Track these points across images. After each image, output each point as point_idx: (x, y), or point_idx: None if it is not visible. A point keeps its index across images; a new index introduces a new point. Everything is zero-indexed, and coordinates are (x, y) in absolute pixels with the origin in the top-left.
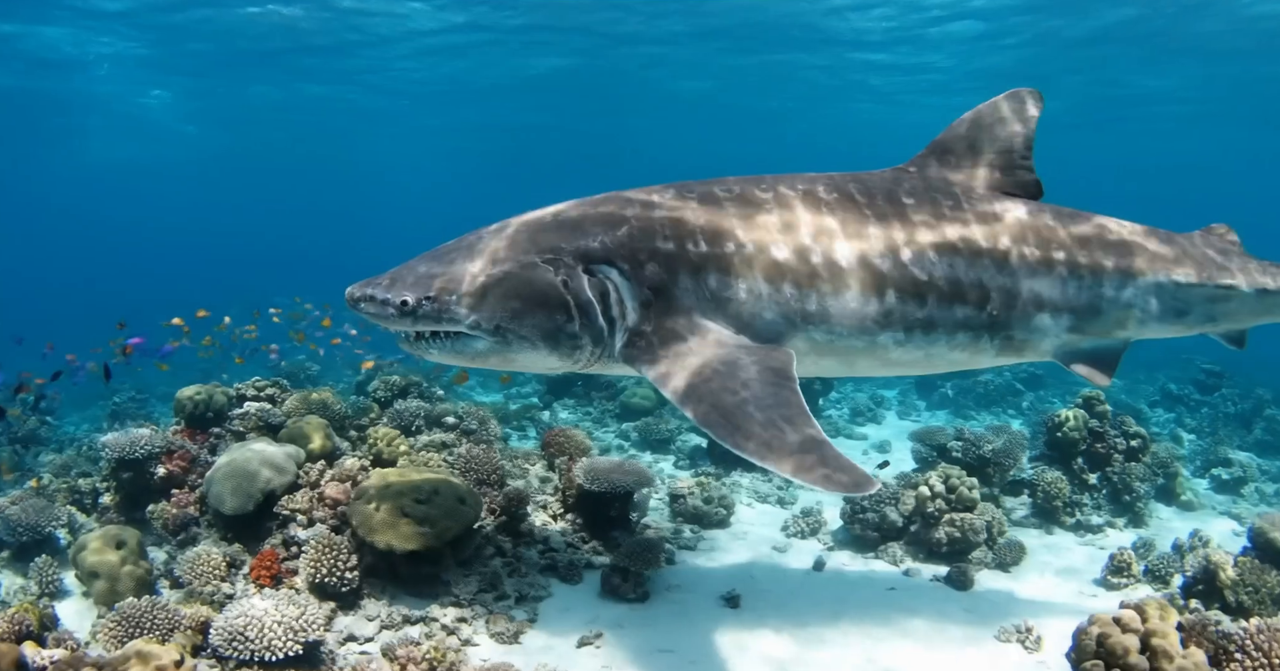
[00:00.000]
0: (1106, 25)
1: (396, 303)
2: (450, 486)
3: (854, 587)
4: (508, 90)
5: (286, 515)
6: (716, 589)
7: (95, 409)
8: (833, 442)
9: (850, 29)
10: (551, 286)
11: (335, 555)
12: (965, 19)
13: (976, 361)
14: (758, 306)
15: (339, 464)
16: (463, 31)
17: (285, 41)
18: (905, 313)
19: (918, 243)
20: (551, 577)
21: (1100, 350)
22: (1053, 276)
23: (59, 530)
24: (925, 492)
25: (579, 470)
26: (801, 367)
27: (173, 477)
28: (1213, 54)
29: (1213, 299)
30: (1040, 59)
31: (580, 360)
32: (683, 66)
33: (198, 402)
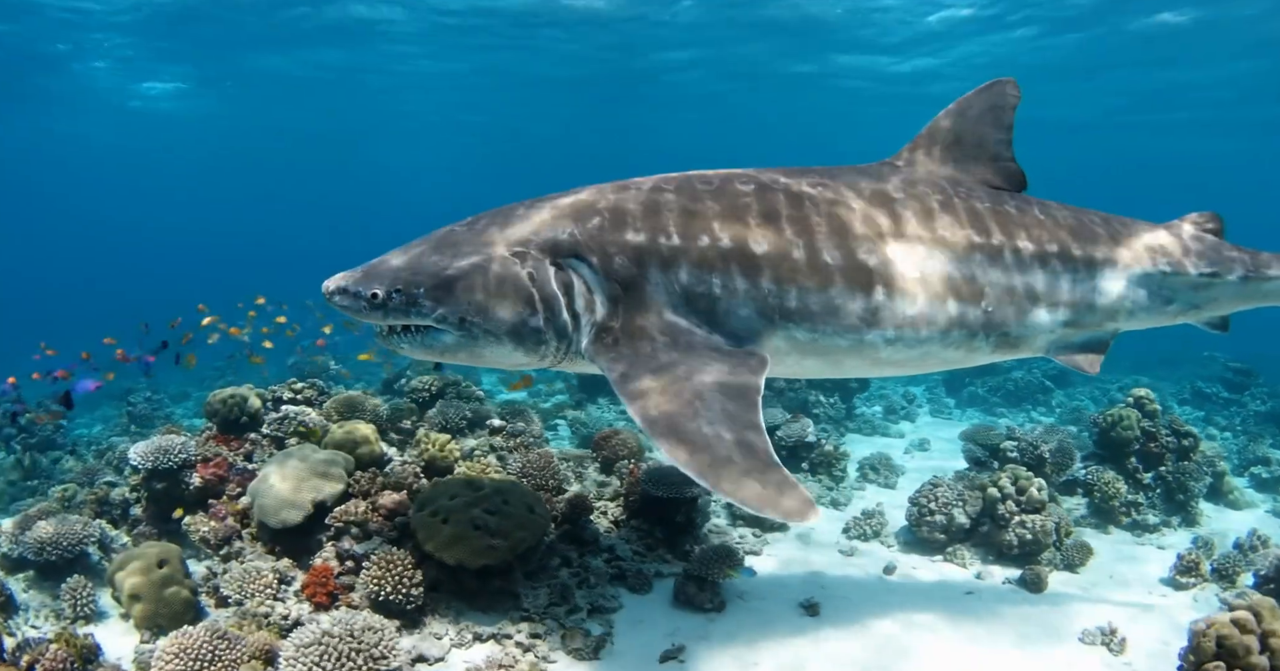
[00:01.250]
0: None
1: (367, 295)
2: (520, 495)
3: (930, 592)
4: (515, 87)
5: (340, 527)
6: (791, 596)
7: (105, 409)
8: (873, 440)
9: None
10: (517, 279)
11: (400, 570)
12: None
13: (971, 359)
14: (732, 302)
15: (390, 470)
16: (467, 30)
17: (290, 30)
18: (895, 310)
19: (905, 236)
20: (620, 587)
21: (1091, 342)
22: (1048, 270)
23: (90, 546)
24: (995, 494)
25: (644, 474)
26: (783, 368)
27: (209, 487)
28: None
29: (1197, 287)
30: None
31: (546, 356)
32: (696, 64)
33: (231, 406)
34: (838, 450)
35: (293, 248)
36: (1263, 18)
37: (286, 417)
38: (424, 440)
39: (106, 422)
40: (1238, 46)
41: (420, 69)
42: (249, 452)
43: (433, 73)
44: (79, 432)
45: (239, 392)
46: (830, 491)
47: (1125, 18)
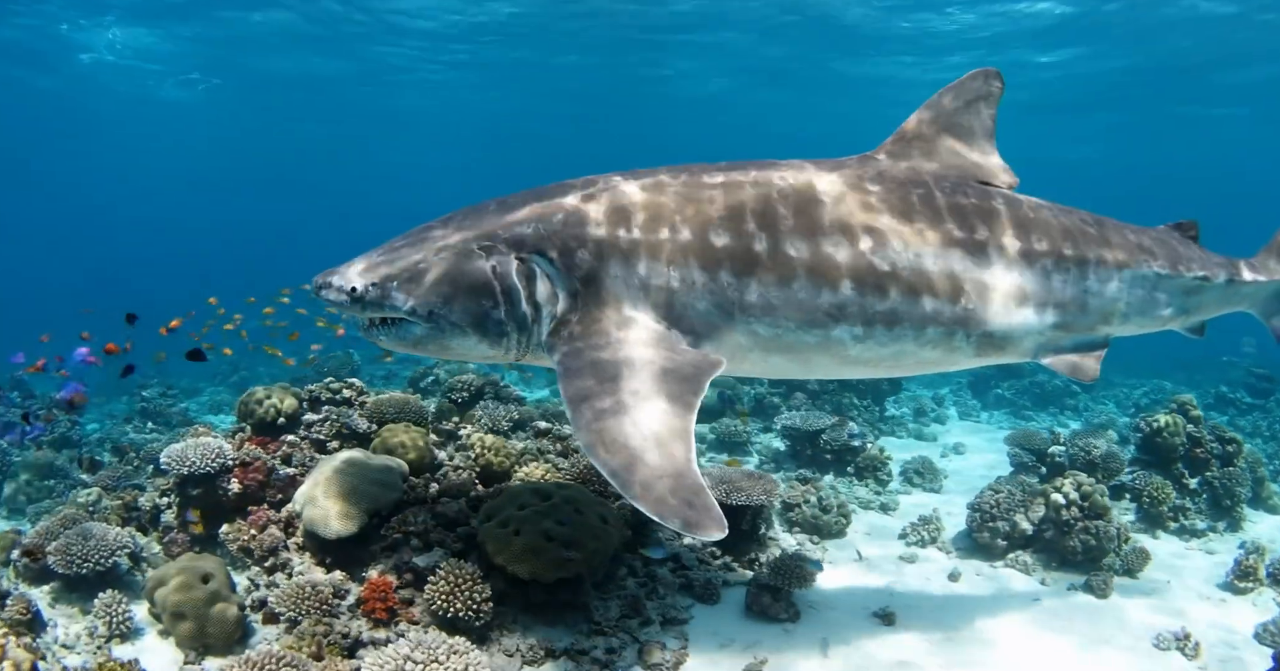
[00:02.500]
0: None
1: (347, 289)
2: (591, 503)
3: (998, 599)
4: (525, 86)
5: (398, 538)
6: (862, 604)
7: (116, 405)
8: (906, 443)
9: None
10: (481, 272)
11: (470, 585)
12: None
13: (952, 361)
14: (690, 296)
15: (444, 476)
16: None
17: (303, 29)
18: (864, 305)
19: (879, 230)
20: (687, 597)
21: (1083, 347)
22: (1035, 269)
23: (122, 557)
24: (1059, 500)
25: (709, 481)
26: (747, 365)
27: (248, 493)
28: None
29: (1189, 290)
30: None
31: (510, 349)
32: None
33: (268, 407)
34: (882, 454)
35: (304, 242)
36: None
37: (328, 419)
38: (479, 444)
39: (117, 418)
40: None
41: (430, 66)
42: (287, 456)
43: (442, 69)
44: (90, 428)
45: (275, 392)
46: (878, 496)
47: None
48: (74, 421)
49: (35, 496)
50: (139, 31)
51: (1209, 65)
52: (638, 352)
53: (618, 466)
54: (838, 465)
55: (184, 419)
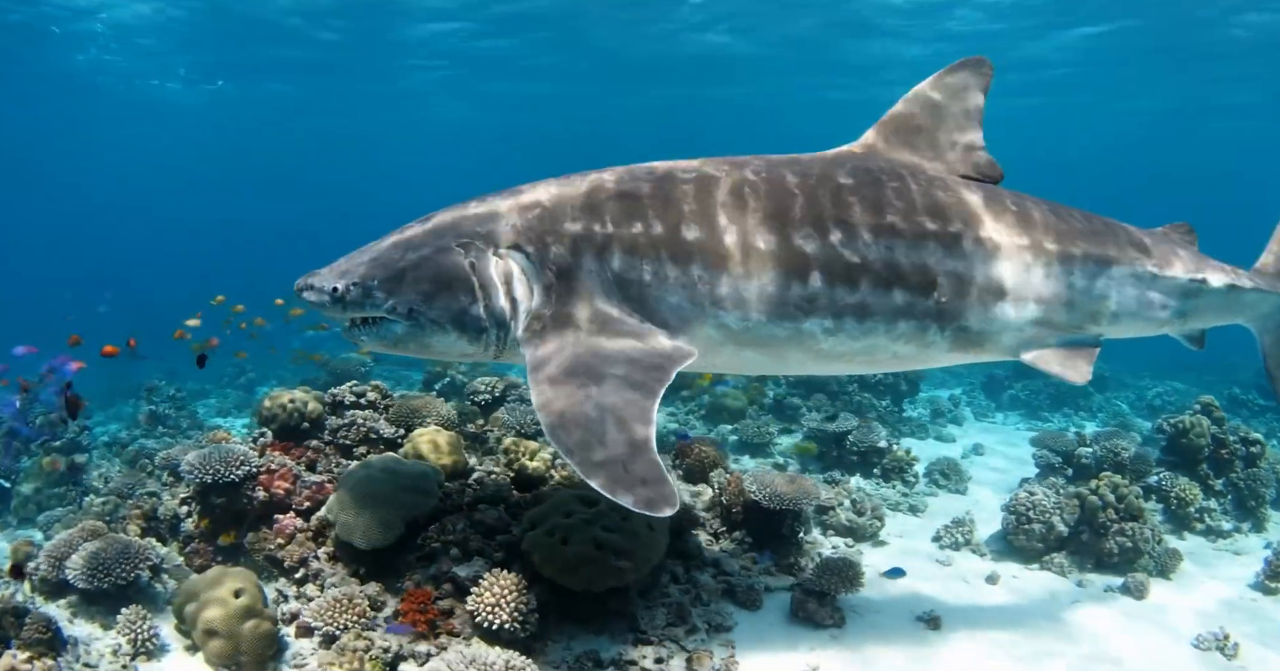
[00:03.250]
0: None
1: (328, 289)
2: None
3: (1038, 602)
4: (529, 86)
5: (437, 547)
6: (905, 608)
7: (121, 406)
8: (926, 444)
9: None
10: (459, 269)
11: (516, 595)
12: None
13: (928, 356)
14: (662, 289)
15: (479, 481)
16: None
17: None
18: (834, 297)
19: (850, 223)
20: (730, 603)
21: (1071, 347)
22: (1014, 262)
23: (144, 570)
24: (1096, 502)
25: (751, 485)
26: (721, 360)
27: (274, 501)
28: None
29: (1187, 293)
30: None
31: (490, 345)
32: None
33: (291, 411)
34: (909, 455)
35: (305, 241)
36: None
37: (354, 424)
38: (513, 448)
39: (123, 420)
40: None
41: (433, 64)
42: (311, 461)
43: (445, 69)
44: (97, 431)
45: (299, 396)
46: (906, 498)
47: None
48: (84, 426)
49: (46, 504)
50: (135, 30)
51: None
52: (607, 342)
53: (574, 444)
54: (865, 466)
55: (194, 422)
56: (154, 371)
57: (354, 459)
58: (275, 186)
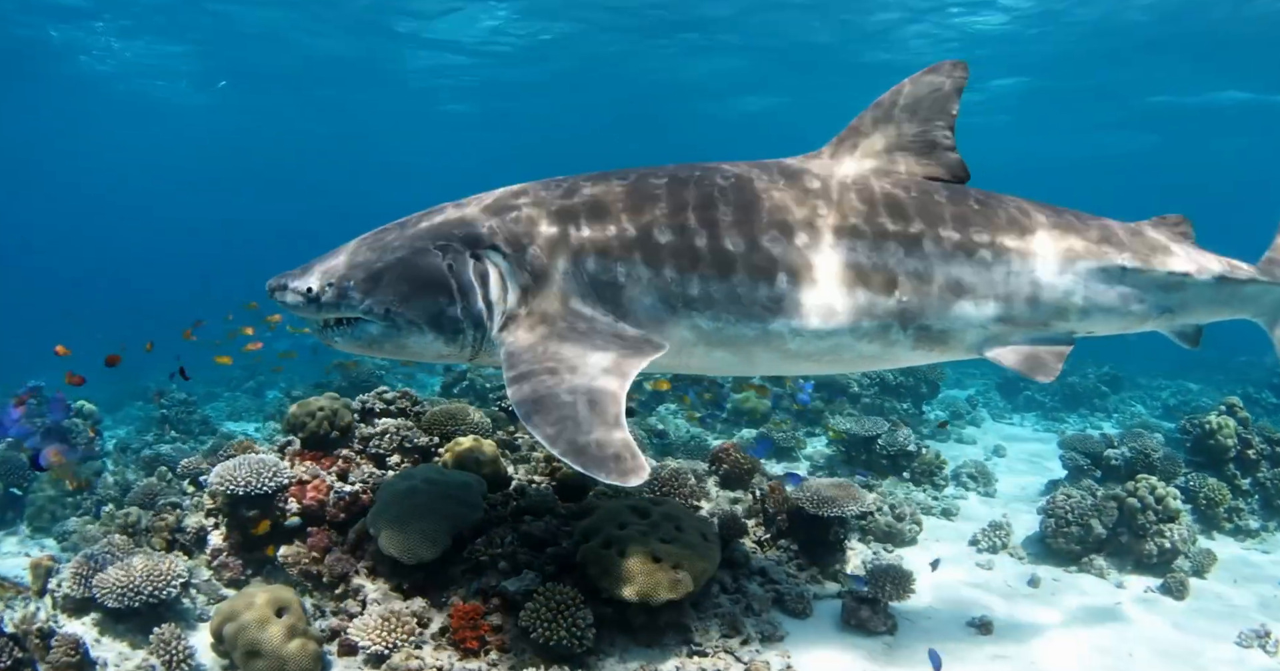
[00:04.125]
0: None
1: (303, 290)
2: (690, 520)
3: (1083, 604)
4: (534, 86)
5: (484, 560)
6: (955, 614)
7: (129, 409)
8: (948, 447)
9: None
10: (437, 270)
11: (572, 609)
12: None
13: (893, 355)
14: (635, 290)
15: (520, 491)
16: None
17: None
18: (798, 299)
19: (814, 227)
20: (779, 612)
21: (1039, 344)
22: (974, 261)
23: (177, 587)
24: (1135, 504)
25: (799, 492)
26: (694, 360)
27: (308, 513)
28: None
29: (1168, 287)
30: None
31: (466, 346)
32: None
33: (321, 420)
34: (939, 458)
35: (306, 242)
36: None
37: (386, 432)
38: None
39: (132, 423)
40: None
41: (437, 65)
42: (343, 471)
43: (451, 69)
44: (105, 435)
45: (328, 404)
46: (937, 501)
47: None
48: (97, 431)
49: (61, 514)
50: (136, 32)
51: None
52: (582, 337)
53: (549, 427)
54: (895, 470)
55: (207, 427)
56: (161, 374)
57: (387, 469)
58: (276, 186)
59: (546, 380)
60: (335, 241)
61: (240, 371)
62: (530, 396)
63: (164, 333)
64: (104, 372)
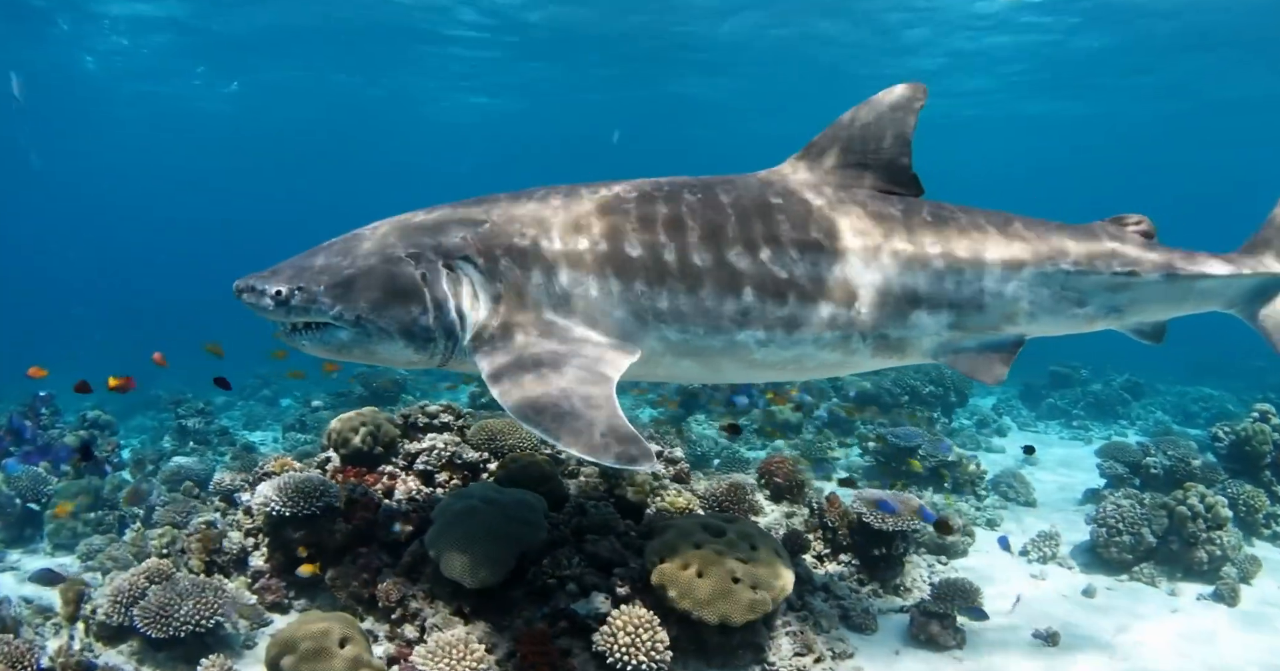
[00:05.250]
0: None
1: (271, 293)
2: (765, 538)
3: (1140, 613)
4: (542, 88)
5: (552, 582)
6: (1018, 626)
7: (140, 418)
8: (978, 456)
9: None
10: (410, 279)
11: (650, 632)
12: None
13: (853, 363)
14: (607, 303)
15: (580, 509)
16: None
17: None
18: (765, 311)
19: (779, 240)
20: (845, 628)
21: (989, 347)
22: (927, 272)
23: (221, 615)
24: (1185, 512)
25: (864, 507)
26: (661, 369)
27: (358, 533)
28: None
29: (1114, 287)
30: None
31: (436, 354)
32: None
33: (365, 435)
34: (979, 468)
35: (310, 241)
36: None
37: (434, 448)
38: (610, 472)
39: (145, 433)
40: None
41: (447, 67)
42: (388, 489)
43: (461, 73)
44: (128, 442)
45: (372, 419)
46: (980, 512)
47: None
48: (115, 443)
49: (82, 531)
50: (145, 29)
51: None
52: (557, 345)
53: (550, 423)
54: (936, 481)
55: (225, 437)
56: (174, 381)
57: (435, 485)
58: (287, 187)
59: (535, 384)
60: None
61: (254, 379)
62: (526, 400)
63: (167, 334)
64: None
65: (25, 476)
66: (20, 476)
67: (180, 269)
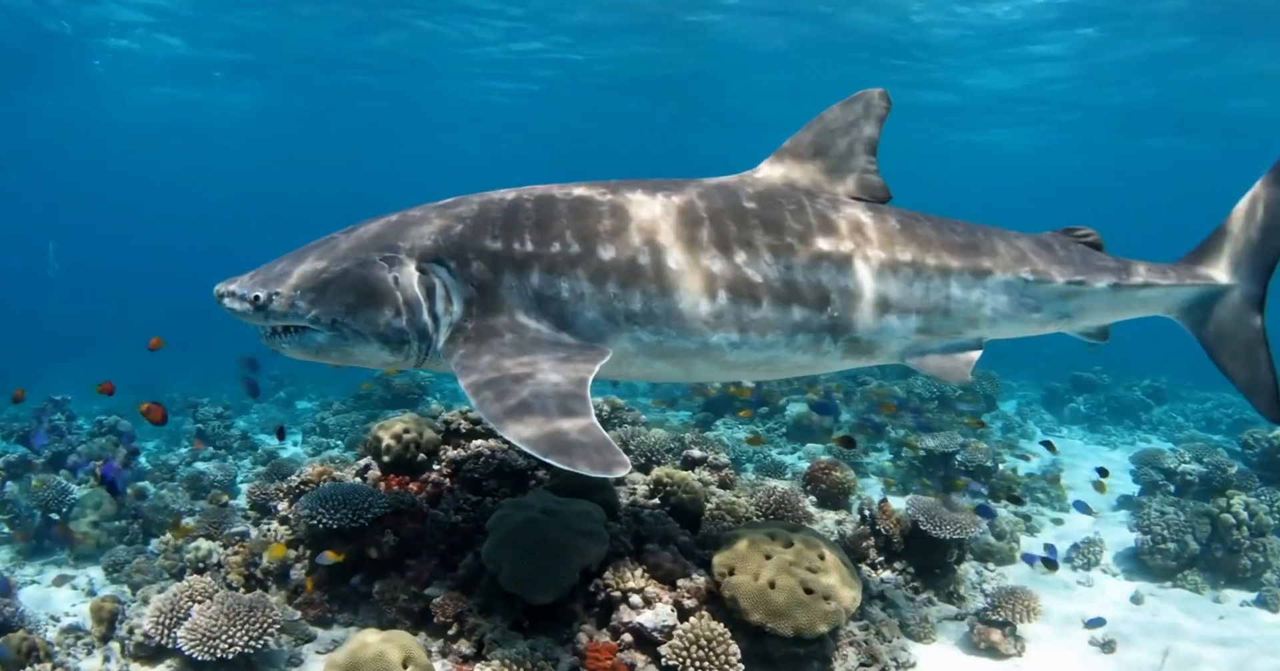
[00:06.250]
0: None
1: (250, 297)
2: (829, 544)
3: (1188, 619)
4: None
5: (616, 596)
6: (1075, 633)
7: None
8: (1008, 461)
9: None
10: (383, 282)
11: (723, 645)
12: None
13: (823, 364)
14: (579, 306)
15: (637, 518)
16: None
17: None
18: (739, 314)
19: (753, 244)
20: (904, 637)
21: (953, 350)
22: (898, 278)
23: (273, 634)
24: (1229, 520)
25: (920, 514)
26: (634, 370)
27: (406, 544)
28: None
29: (1065, 295)
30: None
31: (410, 356)
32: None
33: (408, 442)
34: (1015, 474)
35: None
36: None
37: (481, 455)
38: (667, 480)
39: (159, 436)
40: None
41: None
42: (434, 497)
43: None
44: (148, 445)
45: (414, 426)
46: (1022, 519)
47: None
48: (134, 448)
49: (106, 541)
50: (156, 31)
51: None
52: (530, 347)
53: (524, 431)
54: (968, 487)
55: (246, 442)
56: (185, 384)
57: (484, 494)
58: (284, 188)
59: (511, 388)
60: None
61: (269, 381)
62: (499, 404)
63: (172, 336)
64: (125, 383)
65: (46, 486)
66: (40, 486)
67: (189, 269)
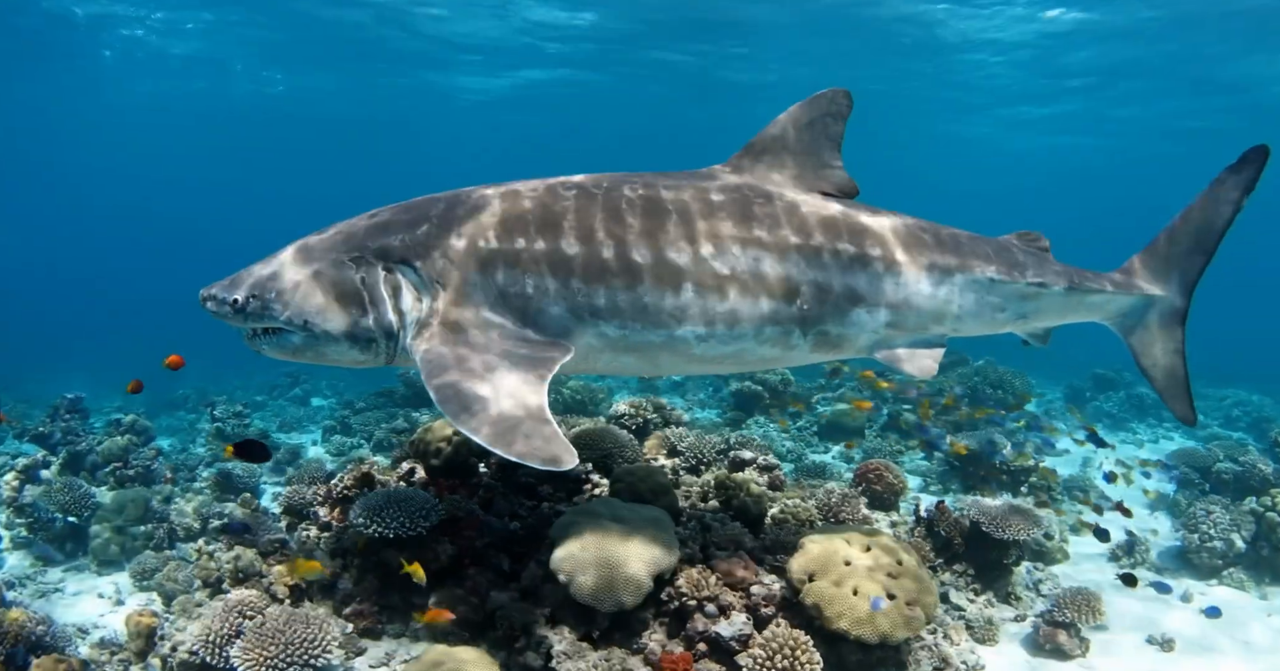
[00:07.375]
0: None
1: (230, 300)
2: (905, 548)
3: (1239, 617)
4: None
5: (691, 605)
6: (1133, 632)
7: (165, 419)
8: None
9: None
10: (350, 283)
11: (806, 653)
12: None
13: (791, 357)
14: (543, 301)
15: (702, 524)
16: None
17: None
18: (705, 307)
19: (719, 237)
20: (970, 640)
21: (918, 345)
22: (868, 273)
23: (331, 652)
24: (1275, 518)
25: (980, 516)
26: (600, 365)
27: (463, 555)
28: None
29: (1025, 296)
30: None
31: (380, 354)
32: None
33: (458, 444)
34: (1054, 474)
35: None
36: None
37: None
38: (730, 485)
39: (176, 435)
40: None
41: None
42: (486, 502)
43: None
44: (164, 443)
45: None
46: (1062, 518)
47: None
48: (157, 450)
49: (131, 546)
50: (168, 25)
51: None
52: (495, 343)
53: (481, 425)
54: (1012, 485)
55: (268, 442)
56: (198, 380)
57: (538, 498)
58: (320, 187)
59: (468, 383)
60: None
61: (285, 378)
62: (456, 399)
63: (175, 336)
64: (131, 377)
65: (67, 489)
66: (62, 489)
67: (191, 267)
